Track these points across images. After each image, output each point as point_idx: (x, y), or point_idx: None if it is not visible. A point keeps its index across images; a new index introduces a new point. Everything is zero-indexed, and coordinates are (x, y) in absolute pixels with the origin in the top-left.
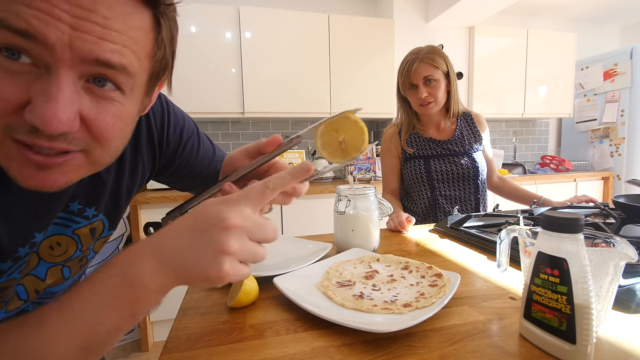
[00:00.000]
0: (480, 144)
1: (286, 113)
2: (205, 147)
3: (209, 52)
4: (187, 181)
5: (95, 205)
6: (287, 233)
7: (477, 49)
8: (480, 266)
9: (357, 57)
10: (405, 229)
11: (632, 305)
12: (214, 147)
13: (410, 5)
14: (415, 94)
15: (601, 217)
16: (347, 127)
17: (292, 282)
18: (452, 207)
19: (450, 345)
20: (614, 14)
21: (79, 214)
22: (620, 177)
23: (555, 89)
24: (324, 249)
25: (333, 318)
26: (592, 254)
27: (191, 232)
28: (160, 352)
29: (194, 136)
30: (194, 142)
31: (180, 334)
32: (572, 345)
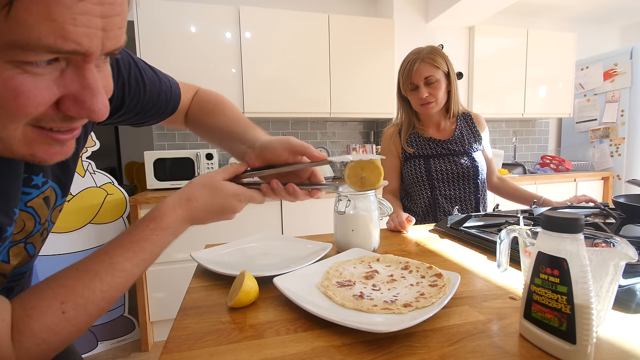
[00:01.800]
0: (480, 144)
1: (286, 113)
2: (150, 77)
3: (209, 52)
4: (139, 117)
5: (42, 171)
6: (287, 233)
7: (477, 49)
8: (480, 266)
9: (357, 57)
10: (405, 229)
11: (632, 305)
12: (156, 73)
13: (410, 5)
14: (416, 94)
15: (601, 217)
16: (370, 168)
17: (292, 282)
18: (452, 206)
19: (450, 345)
20: (614, 14)
21: (27, 184)
22: (620, 177)
23: (555, 89)
24: (324, 249)
25: (333, 318)
26: (592, 254)
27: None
28: (160, 352)
29: (133, 68)
30: (136, 74)
31: (180, 334)
32: (572, 345)
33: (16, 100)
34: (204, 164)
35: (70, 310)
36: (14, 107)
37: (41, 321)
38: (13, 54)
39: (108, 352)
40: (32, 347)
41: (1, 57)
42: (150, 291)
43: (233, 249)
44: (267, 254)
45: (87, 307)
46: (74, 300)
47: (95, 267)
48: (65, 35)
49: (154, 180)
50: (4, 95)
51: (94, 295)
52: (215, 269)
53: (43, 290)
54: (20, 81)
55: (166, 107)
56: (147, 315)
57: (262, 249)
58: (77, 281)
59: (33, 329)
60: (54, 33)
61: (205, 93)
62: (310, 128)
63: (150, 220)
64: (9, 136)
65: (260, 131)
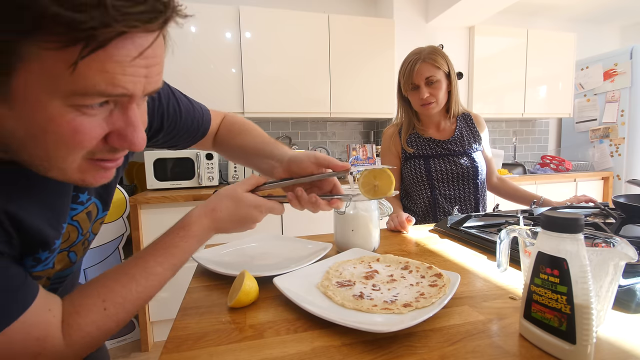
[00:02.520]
0: (480, 144)
1: (286, 113)
2: (185, 106)
3: (209, 52)
4: (174, 140)
5: (87, 189)
6: (287, 233)
7: (477, 49)
8: (480, 266)
9: (357, 57)
10: (405, 229)
11: (632, 305)
12: (191, 102)
13: (410, 5)
14: (416, 94)
15: (601, 217)
16: (383, 177)
17: (292, 282)
18: (452, 206)
19: (450, 345)
20: (614, 14)
21: (74, 201)
22: (620, 177)
23: (555, 89)
24: (324, 249)
25: (333, 318)
26: (592, 254)
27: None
28: (160, 352)
29: (172, 98)
30: (174, 104)
31: (180, 334)
32: (572, 345)
33: (75, 137)
34: (204, 164)
35: (110, 308)
36: (73, 142)
37: (87, 317)
38: (74, 100)
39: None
40: (79, 340)
41: (64, 103)
42: None
43: (233, 249)
44: (267, 254)
45: (125, 305)
46: (114, 299)
47: (132, 270)
48: (115, 83)
49: (154, 180)
50: (65, 133)
51: (131, 295)
52: (215, 269)
53: (89, 290)
54: (79, 121)
55: (197, 132)
56: (147, 315)
57: (262, 249)
58: (117, 282)
59: (80, 324)
60: (106, 82)
61: (232, 117)
62: (310, 128)
63: (179, 229)
64: (67, 167)
65: (287, 147)
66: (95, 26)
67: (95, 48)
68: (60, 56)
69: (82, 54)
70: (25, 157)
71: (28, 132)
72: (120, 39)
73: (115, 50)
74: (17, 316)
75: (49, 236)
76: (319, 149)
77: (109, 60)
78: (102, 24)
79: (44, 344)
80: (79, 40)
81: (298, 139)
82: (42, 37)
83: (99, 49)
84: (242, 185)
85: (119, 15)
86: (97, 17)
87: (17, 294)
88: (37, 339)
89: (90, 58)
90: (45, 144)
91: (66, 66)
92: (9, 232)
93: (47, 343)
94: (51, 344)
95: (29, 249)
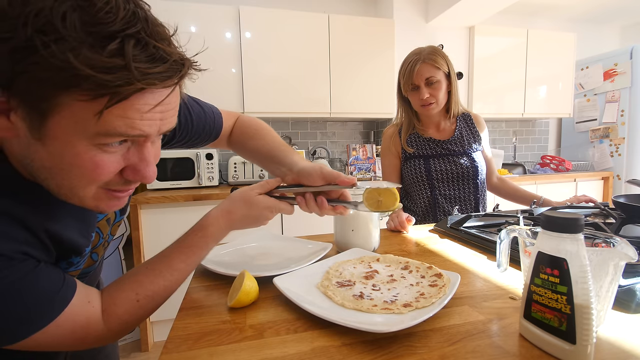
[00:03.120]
0: (479, 144)
1: (286, 113)
2: (197, 112)
3: (209, 52)
4: (188, 144)
5: None
6: (287, 233)
7: (477, 49)
8: (480, 266)
9: (357, 57)
10: (405, 229)
11: (632, 305)
12: (202, 107)
13: (410, 5)
14: (416, 95)
15: (601, 217)
16: (387, 194)
17: (292, 282)
18: (452, 206)
19: (450, 345)
20: (614, 14)
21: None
22: (620, 177)
23: (555, 89)
24: (324, 249)
25: (333, 318)
26: (592, 254)
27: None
28: (160, 352)
29: (183, 107)
30: (185, 112)
31: (180, 334)
32: (572, 345)
33: (95, 171)
34: (204, 164)
35: (142, 300)
36: (93, 175)
37: (123, 308)
38: (97, 139)
39: None
40: (116, 326)
41: (89, 142)
42: None
43: (233, 249)
44: (267, 254)
45: (154, 297)
46: (145, 292)
47: (159, 266)
48: (134, 127)
49: (154, 180)
50: (87, 167)
51: (159, 288)
52: (215, 269)
53: (124, 284)
54: (100, 158)
55: (210, 134)
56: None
57: (262, 249)
58: (146, 277)
59: (117, 313)
60: (126, 126)
61: (246, 119)
62: (310, 128)
63: (198, 230)
64: (85, 195)
65: (298, 156)
66: (120, 84)
67: (118, 100)
68: (89, 106)
69: (107, 105)
70: (52, 186)
71: (56, 166)
72: (140, 92)
73: (135, 101)
74: (62, 309)
75: (81, 245)
76: (319, 149)
77: (129, 108)
78: (126, 83)
79: (88, 330)
80: (106, 94)
81: (298, 139)
82: (77, 92)
83: (121, 101)
84: (256, 189)
85: (141, 75)
86: (122, 77)
87: (60, 292)
88: (82, 327)
89: (114, 107)
90: (69, 175)
91: (93, 114)
92: (47, 244)
93: (90, 329)
94: (94, 329)
95: (64, 256)
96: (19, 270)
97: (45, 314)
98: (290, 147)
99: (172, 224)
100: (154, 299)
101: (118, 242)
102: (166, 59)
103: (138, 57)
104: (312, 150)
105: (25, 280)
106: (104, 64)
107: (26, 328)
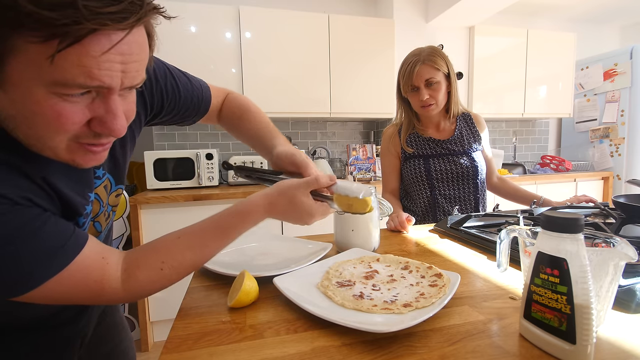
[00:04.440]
0: (479, 144)
1: (286, 113)
2: (184, 84)
3: (209, 52)
4: (178, 117)
5: (101, 165)
6: (287, 233)
7: (477, 49)
8: (480, 266)
9: (357, 57)
10: (405, 229)
11: (632, 305)
12: (189, 79)
13: (410, 5)
14: (416, 96)
15: (601, 217)
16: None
17: (292, 282)
18: (452, 206)
19: (450, 345)
20: (614, 14)
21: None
22: (620, 177)
23: (555, 89)
24: (324, 249)
25: (333, 318)
26: (592, 254)
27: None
28: (160, 352)
29: (169, 77)
30: (172, 82)
31: (180, 334)
32: (572, 345)
33: (58, 120)
34: (204, 163)
35: (167, 269)
36: (56, 125)
37: (145, 273)
38: (56, 89)
39: None
40: (135, 288)
41: (48, 90)
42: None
43: (233, 249)
44: (267, 254)
45: (178, 269)
46: (171, 262)
47: (191, 239)
48: (91, 76)
49: (154, 180)
50: (50, 115)
51: (186, 261)
52: (215, 269)
53: (151, 250)
54: (62, 106)
55: (199, 108)
56: (147, 315)
57: (262, 249)
58: (176, 248)
59: (138, 277)
60: (84, 75)
61: (234, 98)
62: (310, 128)
63: (238, 214)
64: (55, 146)
65: (279, 140)
66: (67, 23)
67: (70, 43)
68: (41, 49)
69: (59, 48)
70: (21, 136)
71: (20, 114)
72: (94, 36)
73: (90, 46)
74: (73, 256)
75: (79, 203)
76: (319, 149)
77: (84, 54)
78: (73, 21)
79: (103, 286)
80: (55, 35)
81: (298, 139)
82: (25, 32)
83: (74, 44)
84: (303, 187)
85: (90, 14)
86: (69, 16)
87: (70, 239)
88: (95, 281)
89: (67, 52)
90: (34, 124)
91: (46, 58)
92: (50, 194)
93: (105, 285)
94: (109, 286)
95: (68, 214)
96: (25, 214)
97: (57, 259)
98: (273, 129)
99: (172, 224)
100: (178, 270)
101: (118, 242)
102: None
103: None
104: (312, 150)
105: (33, 225)
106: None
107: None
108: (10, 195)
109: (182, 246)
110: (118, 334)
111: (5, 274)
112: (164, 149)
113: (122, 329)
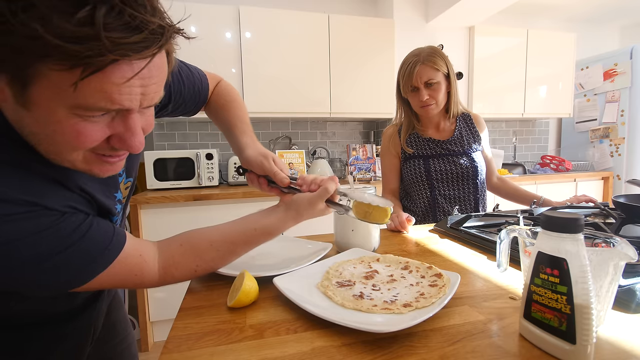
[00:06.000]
0: (479, 144)
1: (286, 113)
2: (185, 73)
3: (209, 52)
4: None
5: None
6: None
7: (477, 49)
8: (480, 266)
9: (357, 57)
10: (405, 229)
11: (632, 305)
12: (188, 67)
13: (410, 5)
14: (416, 96)
15: (601, 217)
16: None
17: (292, 282)
18: (452, 206)
19: (450, 345)
20: (613, 14)
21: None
22: (620, 177)
23: (555, 89)
24: (324, 249)
25: (333, 318)
26: (592, 254)
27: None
28: (160, 352)
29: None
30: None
31: (180, 334)
32: (572, 345)
33: (78, 138)
34: (204, 164)
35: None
36: (77, 142)
37: (180, 271)
38: (78, 111)
39: None
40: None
41: (69, 112)
42: (150, 291)
43: None
44: (267, 254)
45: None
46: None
47: (223, 249)
48: (112, 101)
49: (154, 180)
50: (70, 134)
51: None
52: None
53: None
54: (83, 126)
55: (199, 97)
56: (147, 315)
57: (262, 249)
58: (208, 255)
59: (174, 274)
60: (105, 99)
61: (223, 86)
62: (310, 128)
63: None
64: (73, 159)
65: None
66: (91, 55)
67: (93, 71)
68: (64, 76)
69: (82, 76)
70: (42, 151)
71: (42, 132)
72: (117, 64)
73: (112, 74)
74: (116, 255)
75: (111, 205)
76: (319, 149)
77: (106, 82)
78: (97, 53)
79: (142, 279)
80: (79, 65)
81: (298, 139)
82: (50, 61)
83: (96, 72)
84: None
85: (113, 45)
86: (92, 48)
87: (113, 240)
88: (135, 275)
89: (90, 79)
90: (55, 142)
91: (69, 84)
92: (89, 199)
93: (145, 278)
94: (147, 279)
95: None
96: (73, 222)
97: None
98: (245, 127)
99: (172, 224)
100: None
101: None
102: (142, 29)
103: (111, 26)
104: (312, 150)
105: (82, 229)
106: (73, 34)
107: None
108: (57, 207)
109: (214, 253)
110: (123, 330)
111: (63, 273)
112: (164, 149)
113: (126, 325)
